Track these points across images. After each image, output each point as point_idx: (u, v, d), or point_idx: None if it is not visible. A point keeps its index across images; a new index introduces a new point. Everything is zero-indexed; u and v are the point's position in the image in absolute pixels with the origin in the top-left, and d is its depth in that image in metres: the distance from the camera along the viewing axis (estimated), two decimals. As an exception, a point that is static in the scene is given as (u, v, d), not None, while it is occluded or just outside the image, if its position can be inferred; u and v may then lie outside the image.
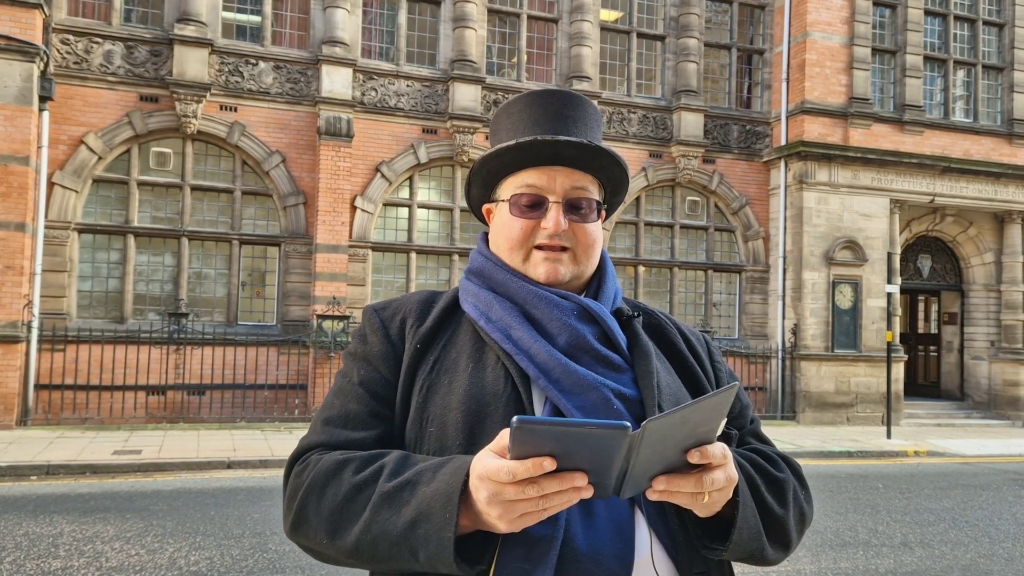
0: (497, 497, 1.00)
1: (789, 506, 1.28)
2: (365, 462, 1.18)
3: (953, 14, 16.92)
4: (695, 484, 1.07)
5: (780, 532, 1.25)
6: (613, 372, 1.26)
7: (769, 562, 1.26)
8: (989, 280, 17.33)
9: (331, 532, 1.15)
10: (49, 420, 11.56)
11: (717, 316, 16.01)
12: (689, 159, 15.45)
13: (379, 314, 1.35)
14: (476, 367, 1.25)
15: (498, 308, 1.29)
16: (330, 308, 12.88)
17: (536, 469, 0.97)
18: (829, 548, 6.39)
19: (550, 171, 1.30)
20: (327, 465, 1.19)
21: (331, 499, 1.16)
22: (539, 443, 0.96)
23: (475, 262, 1.38)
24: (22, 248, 11.29)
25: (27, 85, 11.31)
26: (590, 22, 14.99)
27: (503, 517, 1.01)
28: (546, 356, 1.22)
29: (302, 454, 1.26)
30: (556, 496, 0.99)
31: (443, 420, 1.22)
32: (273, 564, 5.58)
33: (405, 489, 1.11)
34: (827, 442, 12.73)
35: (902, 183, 16.01)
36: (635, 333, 1.33)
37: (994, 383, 17.08)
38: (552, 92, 1.35)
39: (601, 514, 1.16)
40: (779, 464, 1.33)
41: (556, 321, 1.26)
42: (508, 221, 1.33)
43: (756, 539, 1.20)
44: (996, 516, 7.90)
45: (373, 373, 1.29)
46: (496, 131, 1.38)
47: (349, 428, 1.26)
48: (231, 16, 13.40)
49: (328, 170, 13.22)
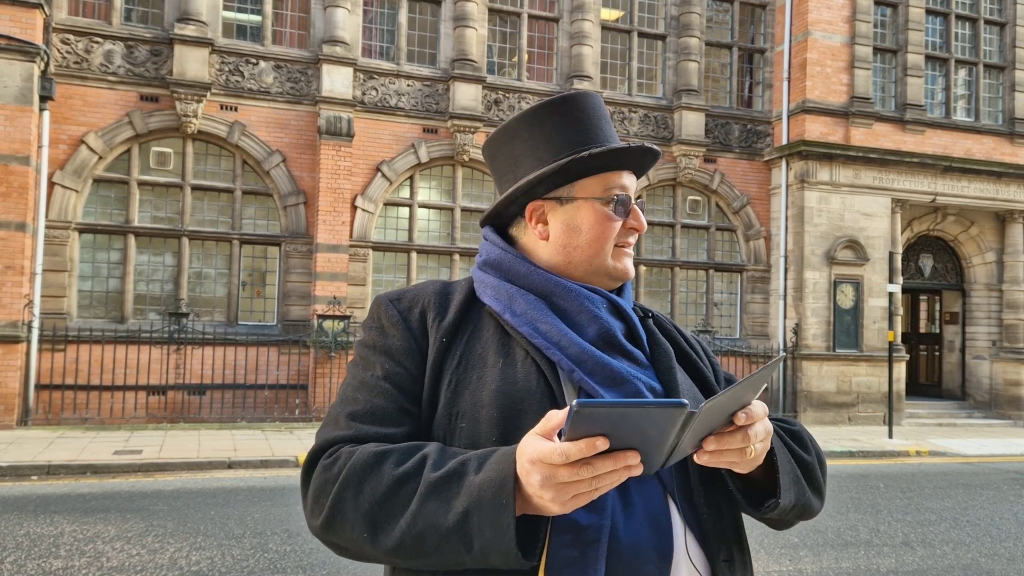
0: (551, 480, 1.00)
1: (812, 452, 1.36)
2: (405, 454, 1.14)
3: (954, 13, 16.90)
4: (742, 439, 1.10)
5: (812, 477, 1.33)
6: (636, 367, 1.28)
7: (813, 510, 1.33)
8: (990, 279, 17.31)
9: (372, 528, 1.11)
10: (50, 420, 11.55)
11: (718, 316, 16.00)
12: (690, 158, 15.43)
13: (395, 305, 1.32)
14: (506, 362, 1.25)
15: (522, 301, 1.29)
16: (330, 308, 12.87)
17: (589, 449, 0.97)
18: (831, 548, 6.38)
19: (629, 175, 1.38)
20: (364, 457, 1.15)
21: (371, 493, 1.12)
22: (595, 425, 0.97)
23: (491, 254, 1.37)
24: (22, 248, 11.29)
25: (27, 85, 11.30)
26: (591, 21, 14.97)
27: (556, 499, 1.01)
28: (578, 349, 1.23)
29: (327, 448, 1.21)
30: (608, 476, 1.00)
31: (474, 416, 1.20)
32: (274, 564, 5.58)
33: (452, 480, 1.08)
34: (828, 442, 12.71)
35: (903, 182, 16.00)
36: (652, 331, 1.37)
37: (995, 383, 17.07)
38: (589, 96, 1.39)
39: (638, 505, 1.17)
40: (791, 421, 1.42)
41: (586, 312, 1.28)
42: (603, 220, 1.33)
43: (797, 483, 1.27)
44: (997, 516, 7.89)
45: (398, 368, 1.26)
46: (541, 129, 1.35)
47: (378, 424, 1.22)
48: (231, 16, 13.39)
49: (328, 170, 13.21)
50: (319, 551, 5.83)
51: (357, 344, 1.35)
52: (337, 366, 12.81)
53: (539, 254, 1.36)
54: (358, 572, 5.46)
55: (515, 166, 1.37)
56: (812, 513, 1.34)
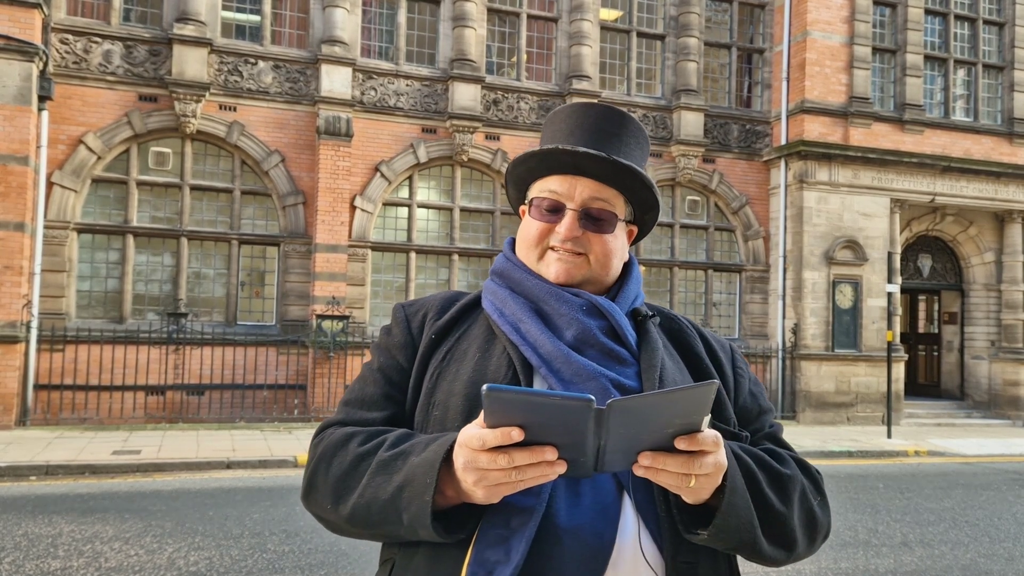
0: (471, 464, 1.06)
1: (792, 504, 1.27)
2: (370, 436, 1.27)
3: (953, 13, 16.90)
4: (683, 464, 1.08)
5: (780, 529, 1.24)
6: (619, 365, 1.30)
7: (767, 559, 1.24)
8: (989, 279, 17.32)
9: (335, 498, 1.25)
10: (48, 420, 11.55)
11: (717, 316, 16.00)
12: (689, 158, 15.44)
13: (405, 310, 1.45)
14: (483, 356, 1.32)
15: (512, 304, 1.35)
16: (329, 308, 12.87)
17: (504, 438, 1.02)
18: (829, 548, 6.38)
19: (572, 180, 1.35)
20: (337, 437, 1.29)
21: (337, 467, 1.25)
22: (510, 413, 1.00)
23: (498, 263, 1.45)
24: (21, 248, 11.28)
25: (26, 85, 11.29)
26: (590, 21, 14.97)
27: (478, 484, 1.07)
28: (550, 347, 1.28)
29: (322, 431, 1.35)
30: (529, 469, 1.04)
31: (446, 404, 1.29)
32: (272, 564, 5.57)
33: (399, 458, 1.19)
34: (827, 442, 12.72)
35: (902, 182, 16.00)
36: (646, 330, 1.37)
37: (994, 383, 17.07)
38: (593, 105, 1.40)
39: (587, 494, 1.20)
40: (787, 462, 1.32)
41: (565, 316, 1.32)
42: (528, 222, 1.40)
43: (748, 530, 1.19)
44: (996, 516, 7.89)
45: (391, 360, 1.39)
46: (543, 135, 1.44)
47: (364, 409, 1.36)
48: (230, 16, 13.38)
49: (327, 170, 13.20)
50: (318, 551, 5.83)
51: (372, 345, 1.50)
52: (336, 366, 12.80)
53: None
54: (357, 572, 5.46)
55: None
56: (767, 563, 1.25)
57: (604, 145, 1.34)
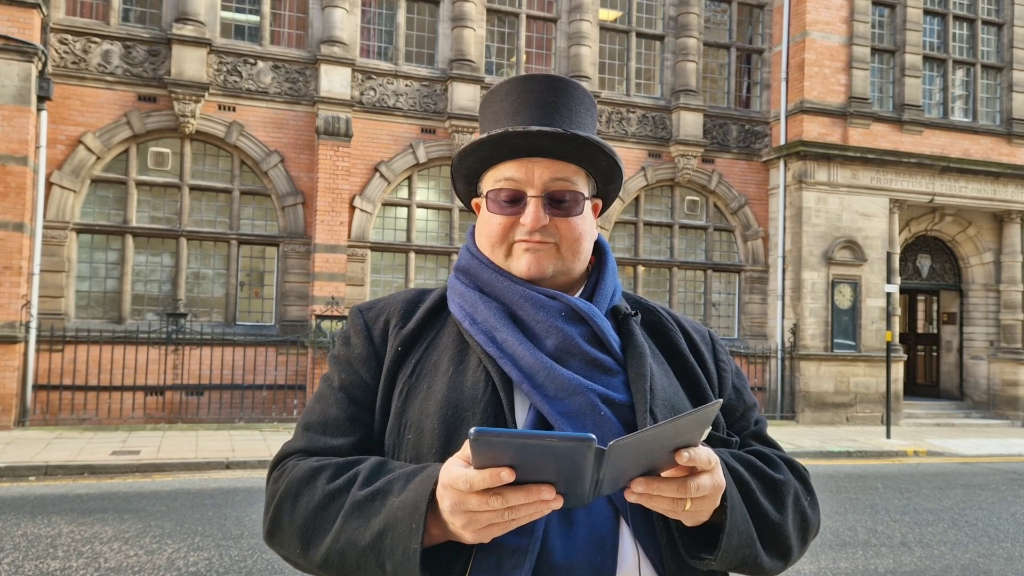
0: (460, 506, 0.97)
1: (787, 511, 1.21)
2: (339, 469, 1.15)
3: (952, 14, 16.91)
4: (677, 489, 1.02)
5: (777, 539, 1.19)
6: (604, 375, 1.19)
7: (766, 572, 1.19)
8: (988, 280, 17.33)
9: (304, 542, 1.12)
10: (47, 420, 11.54)
11: (716, 316, 16.01)
12: (688, 159, 15.44)
13: (364, 315, 1.31)
14: (457, 371, 1.20)
15: (484, 309, 1.23)
16: (329, 308, 12.87)
17: (494, 480, 0.93)
18: (828, 548, 6.38)
19: (528, 163, 1.22)
20: (301, 472, 1.16)
21: (304, 507, 1.13)
22: (500, 454, 0.92)
23: (462, 259, 1.32)
24: (20, 248, 11.28)
25: (25, 85, 11.29)
26: (589, 21, 14.98)
27: (468, 527, 0.98)
28: (531, 360, 1.16)
29: (281, 460, 1.23)
30: (523, 508, 0.96)
31: (420, 427, 1.17)
32: (272, 565, 5.57)
33: (376, 498, 1.08)
34: (826, 442, 12.73)
35: (901, 183, 16.01)
36: (631, 332, 1.26)
37: (993, 383, 17.08)
38: (533, 77, 1.26)
39: (581, 524, 1.11)
40: (778, 466, 1.26)
41: (543, 323, 1.20)
42: (487, 218, 1.27)
43: (748, 546, 1.13)
44: (995, 516, 7.90)
45: (354, 376, 1.26)
46: (481, 121, 1.30)
47: (328, 434, 1.22)
48: (229, 16, 13.38)
49: (327, 170, 13.20)
50: (317, 552, 5.82)
51: (328, 355, 1.35)
52: (335, 366, 12.79)
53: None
54: None
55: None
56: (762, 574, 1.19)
57: (555, 118, 1.22)
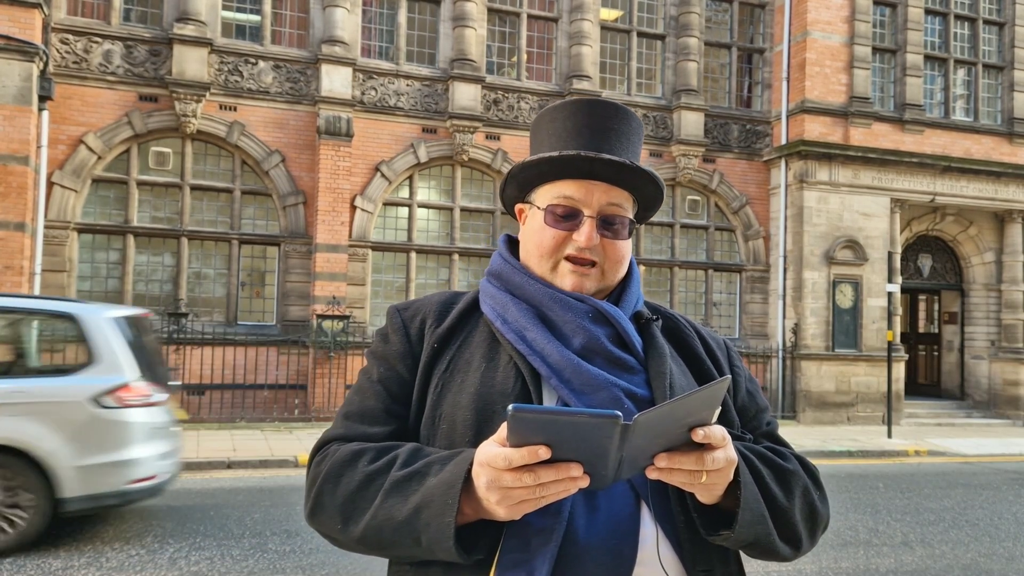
0: (495, 483, 1.05)
1: (795, 498, 1.29)
2: (379, 453, 1.23)
3: (953, 13, 16.90)
4: (696, 461, 1.09)
5: (785, 524, 1.26)
6: (626, 373, 1.28)
7: (779, 554, 1.27)
8: (989, 279, 17.32)
9: (344, 519, 1.21)
10: (49, 420, 11.53)
11: (717, 316, 16.01)
12: (689, 158, 15.44)
13: (401, 314, 1.40)
14: (488, 367, 1.28)
15: (514, 310, 1.31)
16: (330, 308, 12.87)
17: (531, 457, 1.01)
18: (830, 548, 6.38)
19: (588, 185, 1.31)
20: (343, 455, 1.25)
21: (345, 487, 1.22)
22: (534, 432, 1.00)
23: (495, 264, 1.41)
24: (21, 248, 11.28)
25: (26, 85, 11.29)
26: (590, 21, 14.97)
27: (501, 503, 1.06)
28: (559, 357, 1.25)
29: (323, 446, 1.31)
30: (553, 485, 1.04)
31: (453, 418, 1.25)
32: (273, 565, 5.58)
33: (414, 479, 1.16)
34: (827, 442, 12.72)
35: (902, 182, 16.00)
36: (652, 335, 1.35)
37: (994, 382, 17.08)
38: (598, 103, 1.34)
39: (603, 508, 1.19)
40: (788, 459, 1.34)
41: (571, 323, 1.28)
42: (540, 229, 1.33)
43: (761, 523, 1.21)
44: (996, 515, 7.90)
45: (391, 371, 1.34)
46: (537, 135, 1.38)
47: (366, 423, 1.31)
48: (230, 15, 13.38)
49: (328, 170, 13.20)
50: (319, 551, 5.83)
51: (366, 351, 1.45)
52: (336, 366, 12.80)
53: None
54: (358, 572, 5.47)
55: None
56: (779, 558, 1.28)
57: (613, 145, 1.31)
